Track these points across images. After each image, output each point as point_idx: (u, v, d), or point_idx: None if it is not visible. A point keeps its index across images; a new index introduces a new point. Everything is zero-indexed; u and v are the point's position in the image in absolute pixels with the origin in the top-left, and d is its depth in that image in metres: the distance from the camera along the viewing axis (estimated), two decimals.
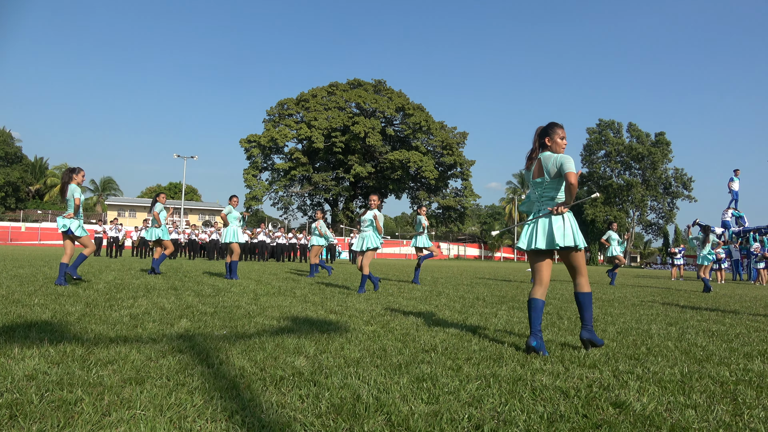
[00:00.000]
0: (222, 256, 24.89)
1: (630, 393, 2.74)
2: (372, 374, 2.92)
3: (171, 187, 79.73)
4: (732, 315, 7.00)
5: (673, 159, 62.37)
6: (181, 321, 4.53)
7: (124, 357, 3.07)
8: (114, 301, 5.71)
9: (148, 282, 8.46)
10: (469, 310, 6.21)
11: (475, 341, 4.07)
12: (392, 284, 10.49)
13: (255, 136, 53.35)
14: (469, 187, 57.63)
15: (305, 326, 4.51)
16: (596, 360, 3.54)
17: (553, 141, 3.93)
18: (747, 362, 3.74)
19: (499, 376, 2.98)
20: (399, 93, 56.05)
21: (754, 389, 2.96)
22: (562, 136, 3.95)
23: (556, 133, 3.94)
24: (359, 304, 6.32)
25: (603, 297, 9.19)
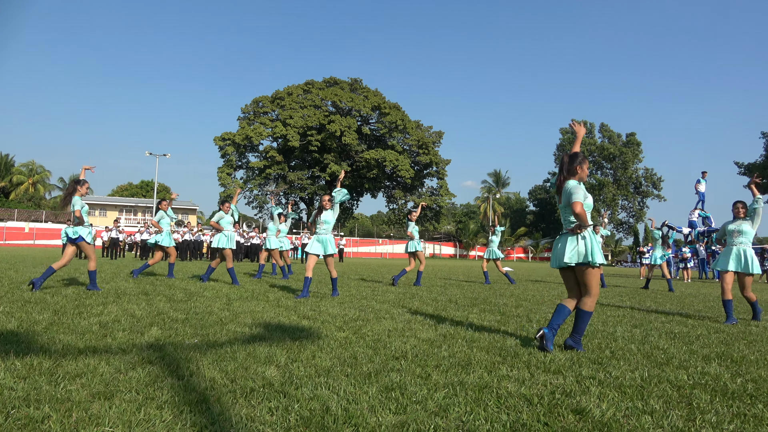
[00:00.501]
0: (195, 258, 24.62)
1: (591, 399, 2.84)
2: (342, 384, 2.96)
3: (143, 185, 78.42)
4: (695, 316, 7.24)
5: (643, 159, 63.80)
6: (151, 329, 4.51)
7: (93, 370, 3.06)
8: (83, 308, 5.64)
9: (118, 286, 8.35)
10: (441, 314, 6.29)
11: (445, 347, 4.15)
12: (366, 286, 10.54)
13: (229, 134, 52.82)
14: (444, 186, 57.99)
15: (277, 333, 4.53)
16: (561, 365, 3.65)
17: (582, 169, 4.40)
18: (705, 365, 3.89)
19: (466, 384, 3.05)
20: (375, 92, 56.08)
21: (709, 393, 3.09)
22: (587, 167, 4.47)
23: (584, 163, 4.42)
24: (332, 309, 6.36)
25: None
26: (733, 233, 6.88)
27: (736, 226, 6.88)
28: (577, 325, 4.24)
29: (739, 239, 6.81)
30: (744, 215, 6.88)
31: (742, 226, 6.83)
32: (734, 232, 6.86)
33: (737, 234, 6.84)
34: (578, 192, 4.22)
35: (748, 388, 3.26)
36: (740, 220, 6.91)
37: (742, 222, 6.87)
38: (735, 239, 6.85)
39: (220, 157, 53.93)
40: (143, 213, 65.10)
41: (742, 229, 6.81)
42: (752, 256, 6.73)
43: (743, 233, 6.80)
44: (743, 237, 6.80)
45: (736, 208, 6.92)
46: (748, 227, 6.80)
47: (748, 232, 6.79)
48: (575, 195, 4.21)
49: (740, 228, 6.83)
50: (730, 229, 6.91)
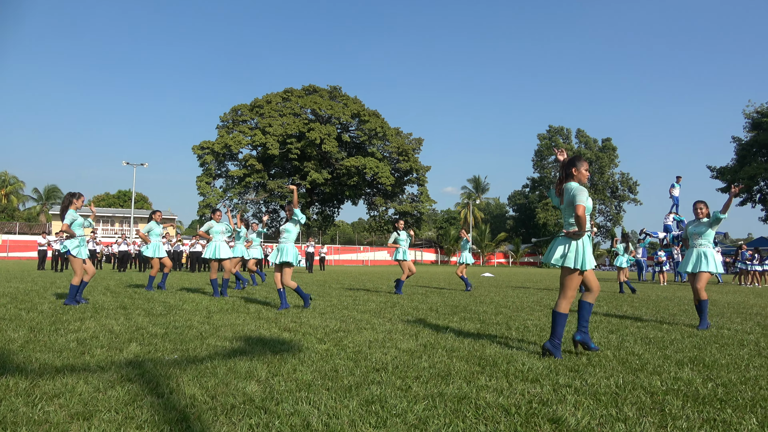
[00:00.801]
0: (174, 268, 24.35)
1: (567, 408, 2.91)
2: (323, 398, 2.99)
3: (120, 195, 77.29)
4: (670, 320, 7.39)
5: (619, 164, 64.90)
6: (130, 345, 4.48)
7: (71, 389, 3.04)
8: (60, 324, 5.56)
9: (96, 301, 8.24)
10: (422, 323, 6.34)
11: (426, 358, 4.19)
12: (348, 295, 10.55)
13: (208, 143, 52.46)
14: (425, 193, 58.27)
15: (258, 347, 4.53)
16: (539, 374, 3.72)
17: (579, 172, 4.45)
18: (678, 370, 3.99)
19: (446, 395, 3.10)
20: (354, 99, 56.23)
21: (681, 399, 3.18)
22: (586, 168, 4.50)
23: (582, 165, 4.46)
24: (313, 320, 6.37)
25: (551, 303, 9.51)
26: (693, 235, 6.97)
27: (695, 228, 6.96)
28: (583, 317, 4.50)
29: (699, 241, 6.89)
30: (705, 216, 6.95)
31: (701, 228, 6.91)
32: (694, 234, 6.96)
33: (697, 236, 6.93)
34: (582, 194, 4.29)
35: (718, 392, 3.35)
36: (699, 221, 6.98)
37: (700, 224, 6.94)
38: (695, 241, 6.94)
39: (199, 165, 53.55)
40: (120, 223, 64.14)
41: (701, 231, 6.89)
42: (711, 256, 6.80)
43: (703, 235, 6.87)
44: (703, 239, 6.87)
45: (698, 208, 6.98)
46: (708, 229, 6.87)
47: (709, 233, 6.85)
48: (579, 197, 4.27)
49: (699, 230, 6.90)
50: (690, 231, 7.01)
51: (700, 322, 6.59)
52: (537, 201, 68.46)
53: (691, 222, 7.12)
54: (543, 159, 66.58)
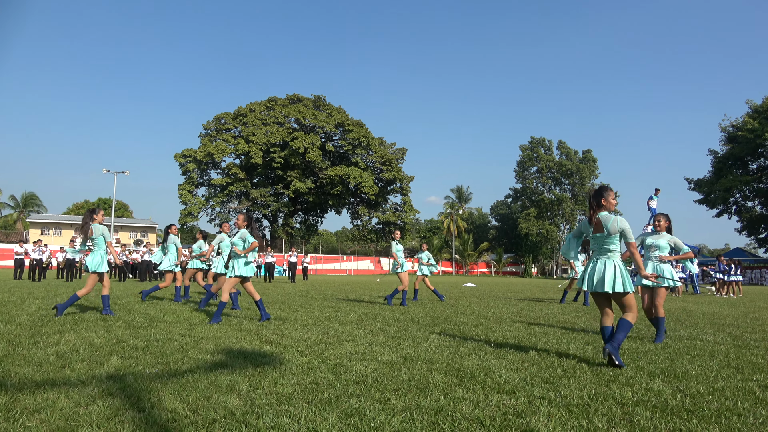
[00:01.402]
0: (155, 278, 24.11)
1: (540, 419, 3.00)
2: (303, 411, 3.04)
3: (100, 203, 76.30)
4: (645, 331, 7.55)
5: (599, 175, 65.73)
6: (111, 358, 4.48)
7: (52, 404, 3.05)
8: (39, 337, 5.53)
9: (74, 313, 8.17)
10: (402, 335, 6.41)
11: (405, 370, 4.27)
12: (330, 307, 10.58)
13: (191, 151, 52.10)
14: (408, 202, 58.45)
15: (239, 360, 4.57)
16: (515, 385, 3.81)
17: (608, 201, 4.92)
18: (649, 381, 4.12)
19: (423, 408, 3.18)
20: (338, 109, 56.36)
21: (650, 410, 3.30)
22: (613, 197, 4.98)
23: (609, 195, 4.94)
24: (295, 332, 6.40)
25: (530, 315, 9.65)
26: (650, 248, 6.82)
27: (654, 240, 6.82)
28: (619, 333, 4.78)
29: (656, 254, 6.76)
30: (663, 229, 6.85)
31: (659, 240, 6.77)
32: (651, 246, 6.81)
33: (654, 249, 6.79)
34: (629, 231, 4.84)
35: (686, 403, 3.48)
36: (658, 234, 6.87)
37: (660, 237, 6.81)
38: (652, 253, 6.81)
39: (181, 174, 53.13)
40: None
41: (659, 244, 6.75)
42: (669, 270, 6.75)
43: (660, 248, 6.75)
44: (660, 252, 6.75)
45: (658, 221, 6.91)
46: (665, 242, 6.76)
47: (665, 247, 6.74)
48: (628, 235, 4.83)
49: (657, 243, 6.76)
50: (648, 243, 6.86)
51: (657, 336, 6.45)
52: (519, 211, 69.06)
53: (650, 234, 6.98)
54: (525, 170, 67.23)
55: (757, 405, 3.47)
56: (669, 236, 6.81)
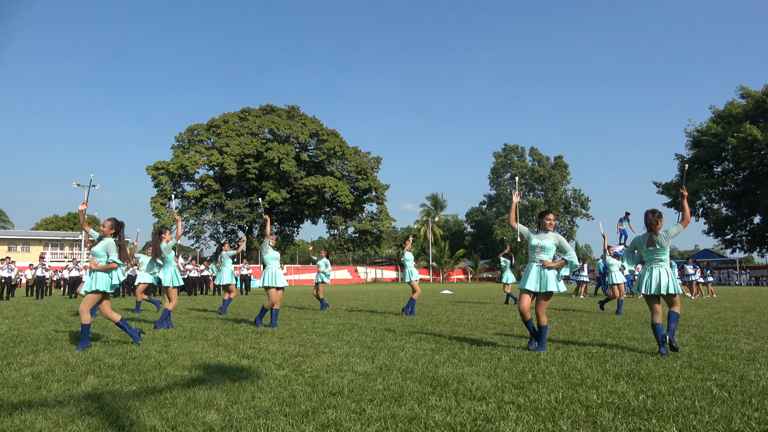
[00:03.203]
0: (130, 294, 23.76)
1: (508, 424, 3.14)
2: (280, 424, 3.13)
3: (70, 217, 74.76)
4: (614, 335, 7.78)
5: (571, 180, 66.93)
6: (87, 377, 4.49)
7: (30, 425, 3.08)
8: (12, 358, 5.49)
9: (48, 332, 8.08)
10: (378, 345, 6.52)
11: (380, 380, 4.37)
12: (307, 318, 10.62)
13: (163, 163, 51.48)
14: (384, 211, 58.65)
15: (217, 375, 4.62)
16: (486, 392, 3.95)
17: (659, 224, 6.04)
18: (614, 384, 4.30)
19: (397, 417, 3.29)
20: (313, 119, 56.40)
21: (613, 411, 3.47)
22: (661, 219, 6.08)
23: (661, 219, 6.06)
24: (272, 345, 6.46)
25: (505, 320, 9.84)
26: (535, 249, 6.18)
27: (540, 240, 6.17)
28: (672, 323, 5.88)
29: (541, 255, 6.14)
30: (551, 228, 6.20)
31: (545, 241, 6.14)
32: (537, 247, 6.17)
33: (539, 250, 6.15)
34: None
35: (647, 404, 3.66)
36: (545, 233, 6.22)
37: (546, 236, 6.18)
38: (537, 255, 6.17)
39: (154, 186, 52.42)
40: (71, 247, 61.94)
41: (545, 245, 6.12)
42: (555, 277, 6.11)
43: (546, 249, 6.12)
44: (545, 254, 6.14)
45: (547, 219, 6.22)
46: (550, 243, 6.13)
47: (551, 248, 6.14)
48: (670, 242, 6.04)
49: (543, 243, 6.13)
50: (533, 243, 6.19)
51: (540, 344, 6.12)
52: (494, 217, 69.75)
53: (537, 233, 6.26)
54: (499, 176, 68.11)
55: (713, 403, 3.67)
56: (555, 235, 6.19)
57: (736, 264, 45.10)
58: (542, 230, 6.27)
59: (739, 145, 44.12)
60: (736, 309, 12.68)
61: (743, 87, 48.36)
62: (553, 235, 6.20)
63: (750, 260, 62.74)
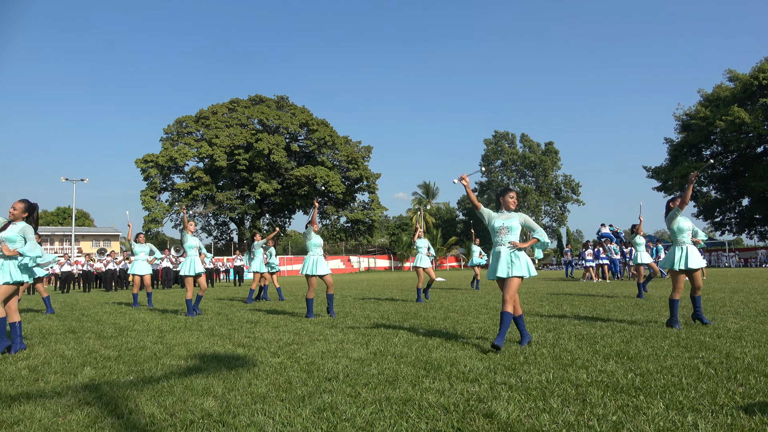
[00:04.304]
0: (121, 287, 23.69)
1: (500, 403, 3.22)
2: (277, 408, 3.19)
3: (59, 212, 74.21)
4: (604, 316, 7.91)
5: (561, 166, 67.29)
6: (84, 369, 4.53)
7: (30, 416, 3.12)
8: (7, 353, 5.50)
9: (42, 326, 8.09)
10: (372, 332, 6.59)
11: (375, 365, 4.44)
12: (301, 308, 10.68)
13: (152, 156, 51.14)
14: (376, 200, 58.67)
15: (213, 363, 4.67)
16: (479, 374, 4.03)
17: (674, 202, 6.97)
18: (604, 363, 4.39)
19: (392, 399, 3.36)
20: (302, 109, 56.14)
21: (602, 389, 3.56)
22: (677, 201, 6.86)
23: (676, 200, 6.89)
24: (267, 334, 6.51)
25: (497, 306, 9.95)
26: (499, 231, 5.42)
27: (504, 221, 5.44)
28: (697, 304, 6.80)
29: (508, 237, 5.41)
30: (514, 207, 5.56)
31: (509, 221, 5.42)
32: (501, 229, 5.41)
33: (505, 231, 5.42)
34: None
35: (636, 381, 3.75)
36: (507, 213, 5.52)
37: (511, 216, 5.48)
38: (502, 237, 5.42)
39: (143, 179, 52.09)
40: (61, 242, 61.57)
41: (510, 226, 5.40)
42: (526, 261, 5.38)
43: (511, 230, 5.41)
44: (511, 235, 5.42)
45: (510, 197, 5.55)
46: (515, 223, 5.42)
47: (516, 228, 5.43)
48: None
49: (508, 224, 5.41)
50: (497, 226, 5.44)
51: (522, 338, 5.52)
52: (486, 204, 69.95)
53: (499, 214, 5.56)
54: (490, 163, 68.29)
55: (700, 380, 3.77)
56: (520, 214, 5.55)
57: (725, 246, 45.63)
58: (505, 210, 5.53)
59: (728, 128, 44.45)
60: (725, 290, 12.87)
61: (731, 70, 48.60)
62: (518, 214, 5.50)
63: (739, 242, 63.47)
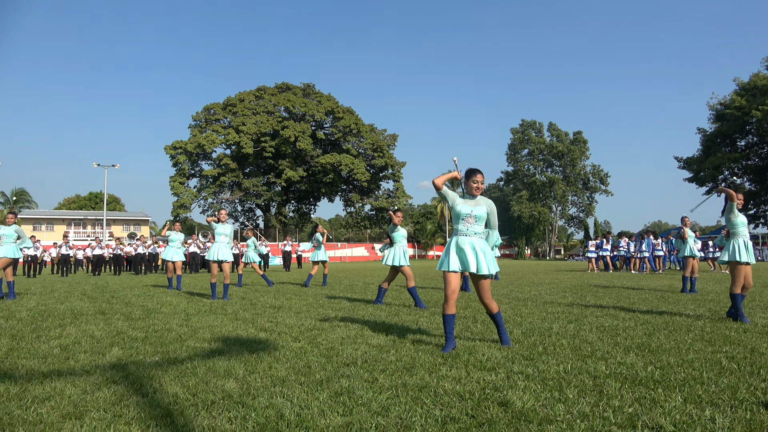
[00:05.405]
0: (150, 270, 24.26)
1: (516, 392, 3.24)
2: (296, 392, 3.27)
3: (91, 197, 76.06)
4: (629, 308, 7.81)
5: (590, 156, 66.17)
6: (112, 349, 4.69)
7: (60, 392, 3.26)
8: (41, 332, 5.73)
9: (74, 307, 8.37)
10: (392, 319, 6.65)
11: (393, 352, 4.49)
12: (323, 294, 10.80)
13: (181, 143, 51.94)
14: (401, 188, 58.61)
15: (235, 347, 4.78)
16: (496, 363, 4.05)
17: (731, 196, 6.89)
18: (624, 356, 4.36)
19: (408, 385, 3.40)
20: (328, 96, 56.23)
21: (620, 381, 3.54)
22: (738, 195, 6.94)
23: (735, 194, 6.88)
24: (289, 320, 6.63)
25: (519, 296, 9.91)
26: (466, 218, 4.75)
27: (471, 208, 4.76)
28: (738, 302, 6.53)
29: (474, 227, 4.75)
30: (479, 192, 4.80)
31: (477, 209, 4.75)
32: (468, 217, 4.75)
33: (471, 220, 4.74)
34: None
35: (655, 374, 3.72)
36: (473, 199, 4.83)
37: (477, 203, 4.79)
38: (468, 227, 4.75)
39: (172, 166, 53.01)
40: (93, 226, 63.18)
41: (478, 215, 4.74)
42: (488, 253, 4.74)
43: (478, 219, 4.75)
44: (478, 224, 4.76)
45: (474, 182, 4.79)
46: (483, 211, 4.75)
47: (483, 217, 4.77)
48: None
49: (476, 212, 4.74)
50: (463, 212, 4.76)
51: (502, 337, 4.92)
52: (511, 194, 69.41)
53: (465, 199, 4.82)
54: (516, 152, 67.48)
55: (721, 374, 3.72)
56: (488, 202, 4.85)
57: (759, 239, 44.38)
58: (470, 195, 4.84)
59: (764, 118, 43.06)
60: (756, 284, 12.56)
61: None
62: (485, 201, 4.82)
63: None
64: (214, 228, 9.99)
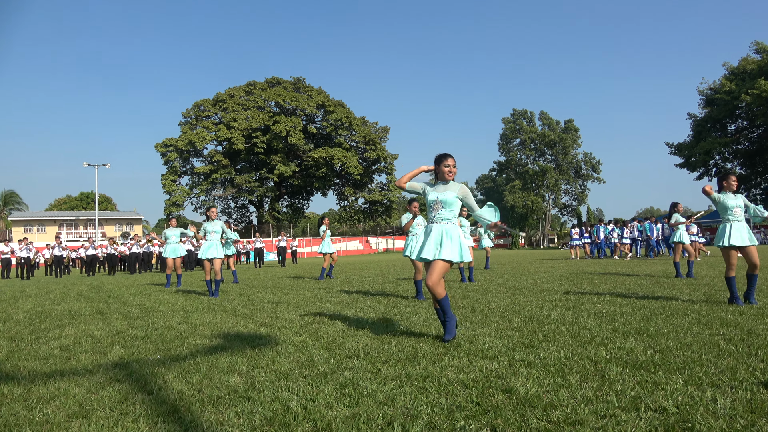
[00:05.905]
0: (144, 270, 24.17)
1: (519, 379, 3.27)
2: (300, 385, 3.28)
3: (82, 197, 75.58)
4: (625, 294, 7.88)
5: (581, 144, 66.33)
6: (113, 348, 4.68)
7: (65, 392, 3.26)
8: (40, 333, 5.71)
9: (71, 307, 8.34)
10: (392, 311, 6.67)
11: (395, 343, 4.52)
12: (321, 288, 10.82)
13: (171, 140, 51.68)
14: (393, 181, 58.62)
15: (237, 342, 4.79)
16: (497, 351, 4.08)
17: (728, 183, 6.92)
18: (623, 341, 4.40)
19: (412, 375, 3.43)
20: (319, 90, 56.05)
21: (621, 365, 3.58)
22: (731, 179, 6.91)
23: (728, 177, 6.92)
24: (288, 314, 6.63)
25: (516, 285, 9.96)
26: (433, 205, 4.72)
27: (438, 194, 4.71)
28: (751, 284, 6.51)
29: (442, 213, 4.69)
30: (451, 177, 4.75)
31: (444, 195, 4.68)
32: (435, 203, 4.71)
33: (439, 206, 4.68)
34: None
35: (655, 358, 3.76)
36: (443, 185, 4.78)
37: (445, 188, 4.73)
38: (436, 213, 4.70)
39: (163, 164, 52.77)
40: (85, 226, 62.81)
41: (445, 200, 4.67)
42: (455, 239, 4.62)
43: (446, 205, 4.67)
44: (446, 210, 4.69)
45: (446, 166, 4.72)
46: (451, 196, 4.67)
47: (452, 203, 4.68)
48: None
49: (442, 198, 4.68)
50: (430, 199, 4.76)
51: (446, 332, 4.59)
52: (504, 184, 69.58)
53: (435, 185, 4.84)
54: (508, 142, 67.60)
55: (720, 356, 3.77)
56: (459, 186, 4.79)
57: (750, 223, 44.78)
58: (441, 181, 4.77)
59: (754, 102, 43.32)
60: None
61: (758, 42, 47.17)
62: (456, 185, 4.73)
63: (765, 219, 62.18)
64: (204, 226, 10.00)
